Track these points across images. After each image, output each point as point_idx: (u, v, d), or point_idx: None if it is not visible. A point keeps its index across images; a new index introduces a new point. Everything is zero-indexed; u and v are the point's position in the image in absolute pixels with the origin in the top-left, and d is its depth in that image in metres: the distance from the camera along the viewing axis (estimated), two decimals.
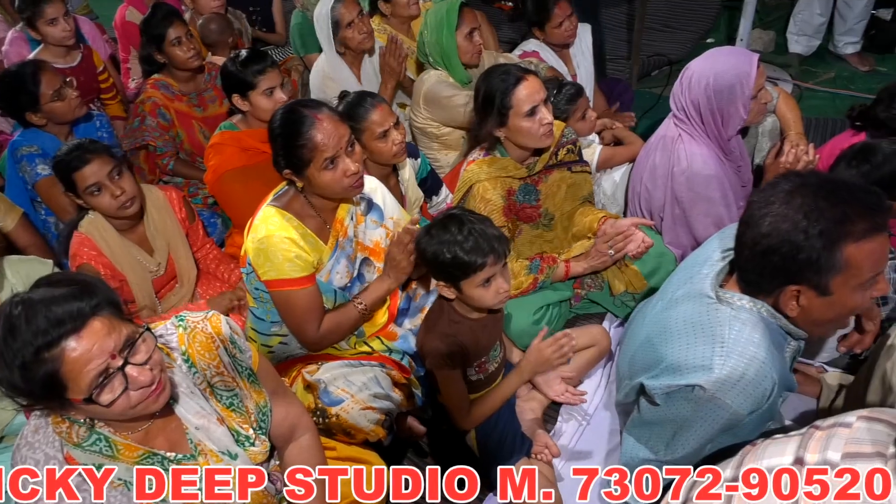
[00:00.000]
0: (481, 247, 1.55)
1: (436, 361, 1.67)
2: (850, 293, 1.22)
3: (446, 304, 1.71)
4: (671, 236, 2.23)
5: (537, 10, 2.90)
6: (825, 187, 1.21)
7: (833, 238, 1.17)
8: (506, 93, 1.94)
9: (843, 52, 3.84)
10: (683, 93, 2.05)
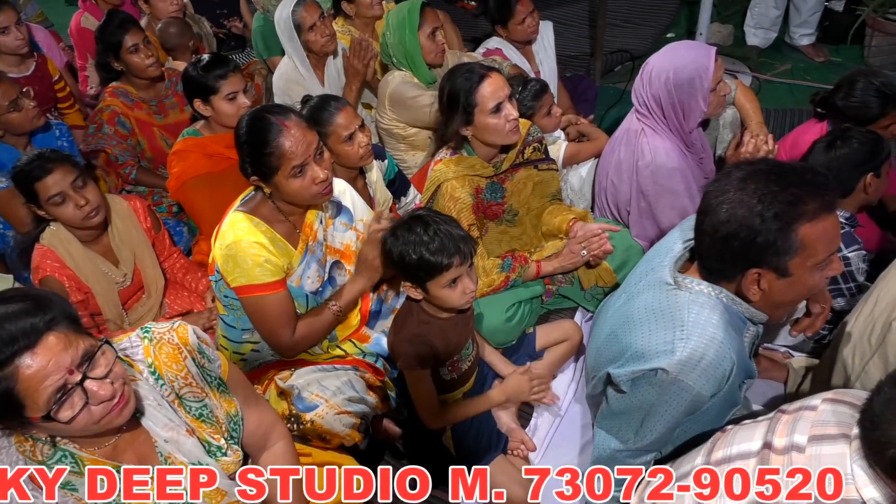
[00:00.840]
0: (447, 247, 1.55)
1: (406, 362, 1.67)
2: (807, 273, 1.25)
3: (415, 305, 1.71)
4: (638, 229, 2.27)
5: (499, 8, 2.91)
6: (775, 171, 1.24)
7: (788, 220, 1.20)
8: (470, 91, 1.94)
9: (798, 43, 3.94)
10: (644, 88, 2.08)
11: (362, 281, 1.79)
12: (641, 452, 1.48)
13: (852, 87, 2.15)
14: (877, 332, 1.59)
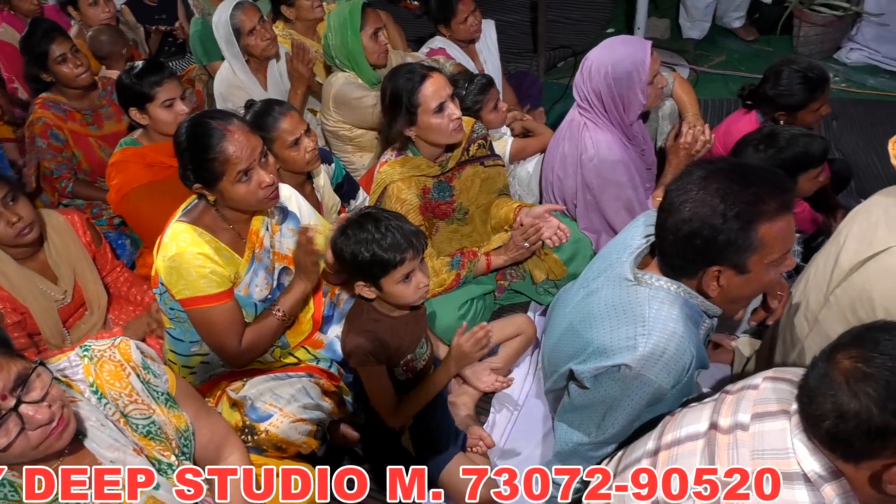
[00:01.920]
0: (399, 243, 1.55)
1: (359, 359, 1.66)
2: (764, 270, 1.29)
3: (366, 304, 1.70)
4: (585, 222, 2.30)
5: (441, 8, 2.92)
6: (736, 171, 1.28)
7: (749, 219, 1.23)
8: (412, 91, 1.94)
9: (730, 25, 4.09)
10: (585, 82, 2.12)
11: (301, 284, 1.77)
12: (603, 445, 1.51)
13: (778, 77, 2.22)
14: (811, 309, 1.66)
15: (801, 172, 1.93)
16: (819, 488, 1.01)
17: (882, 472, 0.96)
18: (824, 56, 3.92)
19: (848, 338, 1.03)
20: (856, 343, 1.00)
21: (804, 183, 1.96)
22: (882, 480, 0.97)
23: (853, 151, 3.14)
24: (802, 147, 1.92)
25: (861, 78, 3.76)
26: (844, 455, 0.99)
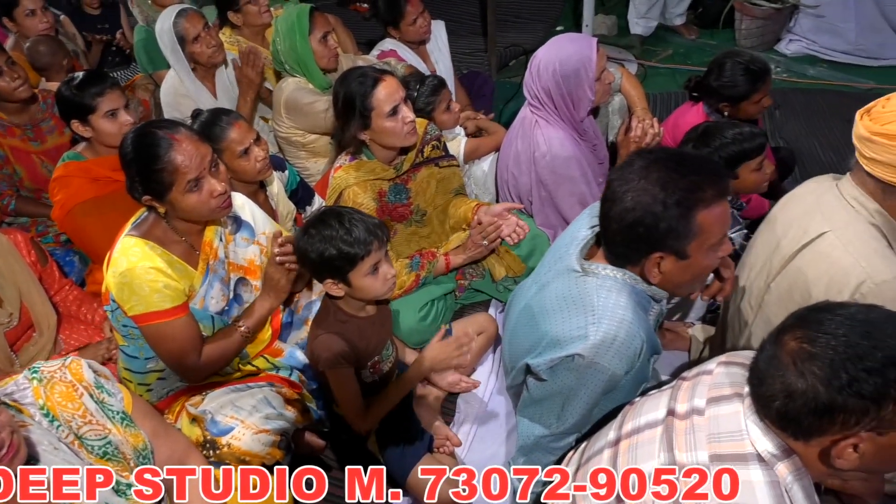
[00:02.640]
0: (364, 235, 1.56)
1: (328, 361, 1.65)
2: (703, 255, 1.33)
3: (332, 306, 1.70)
4: (542, 218, 2.33)
5: (390, 10, 2.92)
6: (674, 160, 1.31)
7: (687, 206, 1.27)
8: (366, 95, 1.94)
9: (673, 23, 4.19)
10: (534, 81, 2.14)
11: (270, 300, 1.75)
12: (564, 435, 1.53)
13: (722, 69, 2.29)
14: (755, 295, 1.71)
15: (740, 164, 1.99)
16: (772, 467, 1.04)
17: (831, 448, 1.00)
18: (765, 48, 4.04)
19: (793, 320, 1.06)
20: (800, 324, 1.03)
21: (747, 174, 2.01)
22: (831, 456, 1.00)
23: (796, 139, 3.25)
24: (736, 143, 1.98)
25: (801, 68, 3.90)
26: (795, 433, 1.02)
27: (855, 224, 1.46)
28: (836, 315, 1.01)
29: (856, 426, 0.96)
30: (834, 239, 1.47)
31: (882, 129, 1.37)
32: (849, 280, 1.42)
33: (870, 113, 1.43)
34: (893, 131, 1.35)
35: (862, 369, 0.94)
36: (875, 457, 0.99)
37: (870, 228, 1.45)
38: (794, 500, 1.02)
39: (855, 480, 1.13)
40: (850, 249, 1.43)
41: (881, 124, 1.38)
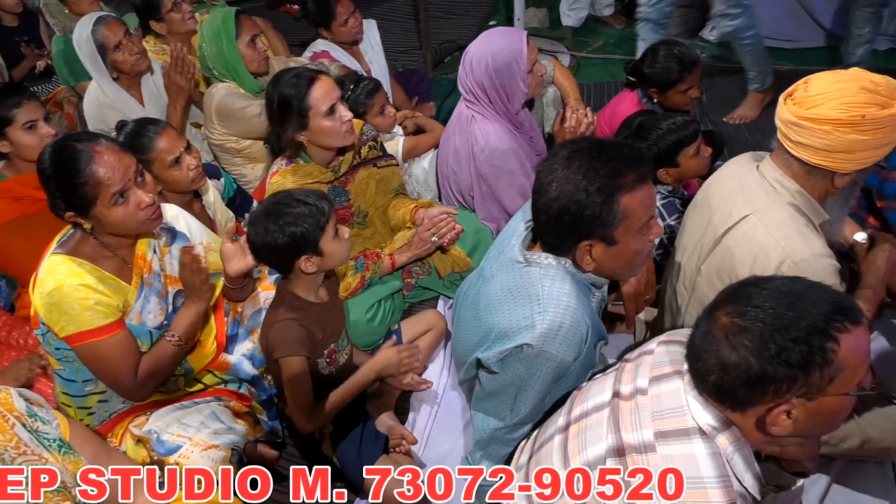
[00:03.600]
0: (317, 203, 1.61)
1: (284, 348, 1.63)
2: (632, 239, 1.35)
3: (287, 293, 1.70)
4: (484, 212, 2.35)
5: (320, 11, 2.88)
6: (596, 148, 1.34)
7: (610, 192, 1.30)
8: (302, 95, 1.92)
9: (602, 14, 4.28)
10: (468, 76, 2.15)
11: (194, 306, 1.69)
12: (519, 426, 1.53)
13: (656, 55, 2.36)
14: (688, 277, 1.76)
15: (678, 153, 2.05)
16: (713, 439, 1.07)
17: (765, 416, 1.04)
18: (690, 35, 4.17)
19: (724, 296, 1.10)
20: (731, 300, 1.07)
21: (687, 161, 2.07)
22: (766, 424, 1.04)
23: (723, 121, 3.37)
24: (672, 133, 2.04)
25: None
26: (731, 405, 1.06)
27: (775, 206, 1.52)
28: (763, 289, 1.05)
29: (787, 393, 1.01)
30: (756, 221, 1.52)
31: (808, 114, 1.41)
32: (770, 260, 1.47)
33: (793, 97, 1.48)
34: (820, 115, 1.39)
35: (789, 339, 0.98)
36: (807, 422, 1.04)
37: (789, 209, 1.51)
38: (735, 470, 1.06)
39: (792, 446, 1.18)
40: (770, 231, 1.49)
41: (807, 108, 1.42)
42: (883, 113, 1.36)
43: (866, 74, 1.41)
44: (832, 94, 1.40)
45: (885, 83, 1.39)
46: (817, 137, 1.42)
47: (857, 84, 1.39)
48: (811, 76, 1.48)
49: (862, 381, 1.04)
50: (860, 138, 1.38)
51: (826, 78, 1.44)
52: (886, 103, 1.37)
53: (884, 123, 1.36)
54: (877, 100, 1.37)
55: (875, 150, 1.41)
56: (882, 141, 1.39)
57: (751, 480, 1.07)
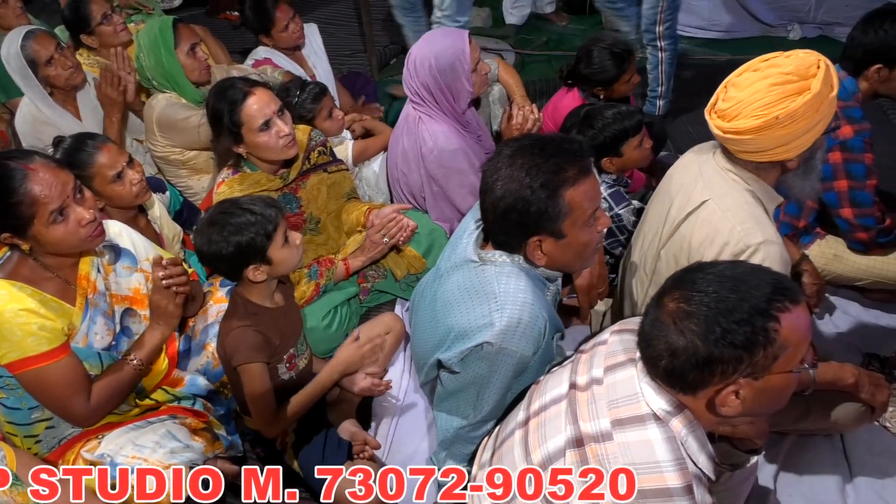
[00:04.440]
0: (265, 210, 1.58)
1: (241, 356, 1.61)
2: (579, 231, 1.38)
3: (241, 299, 1.67)
4: (436, 212, 2.35)
5: (259, 17, 2.84)
6: (537, 145, 1.36)
7: (553, 187, 1.32)
8: (233, 110, 1.89)
9: (544, 11, 4.34)
10: (412, 78, 2.15)
11: (161, 328, 1.66)
12: (483, 423, 1.54)
13: (590, 56, 2.39)
14: (649, 263, 1.81)
15: (622, 143, 2.09)
16: (668, 423, 1.10)
17: (715, 398, 1.07)
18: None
19: (671, 282, 1.13)
20: (677, 286, 1.10)
21: (630, 151, 2.11)
22: (716, 405, 1.08)
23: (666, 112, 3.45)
24: (616, 122, 2.07)
25: None
26: (682, 388, 1.09)
27: (732, 192, 1.57)
28: (708, 274, 1.08)
29: (734, 374, 1.04)
30: (714, 206, 1.57)
31: (730, 127, 1.47)
32: (727, 243, 1.52)
33: (715, 109, 1.52)
34: (740, 127, 1.44)
35: (733, 321, 1.01)
36: (755, 400, 1.07)
37: (745, 195, 1.56)
38: (690, 452, 1.09)
39: (743, 425, 1.22)
40: (728, 215, 1.53)
41: (728, 121, 1.47)
42: (798, 102, 1.39)
43: (775, 66, 1.45)
44: (746, 102, 1.44)
45: (794, 68, 1.42)
46: (748, 144, 1.48)
47: (766, 83, 1.43)
48: (729, 79, 1.52)
49: (805, 357, 1.08)
50: (786, 132, 1.42)
51: (741, 82, 1.49)
52: (801, 89, 1.40)
53: (803, 111, 1.40)
54: (788, 90, 1.41)
55: (809, 133, 1.45)
56: (811, 123, 1.43)
57: (705, 461, 1.10)
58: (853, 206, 2.08)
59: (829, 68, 1.43)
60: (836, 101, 1.46)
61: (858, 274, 2.22)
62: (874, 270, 2.20)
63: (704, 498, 1.08)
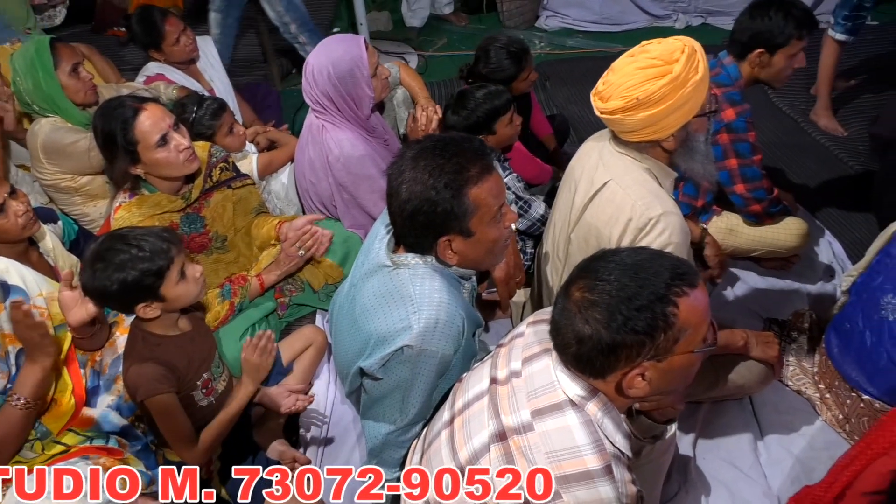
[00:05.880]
0: (158, 245, 1.51)
1: (147, 389, 1.54)
2: (488, 228, 1.40)
3: (141, 332, 1.60)
4: (349, 220, 2.33)
5: (147, 32, 2.72)
6: (439, 146, 1.37)
7: (457, 186, 1.33)
8: (126, 128, 1.80)
9: (443, 12, 4.39)
10: (312, 87, 2.12)
11: (38, 363, 1.54)
12: (411, 426, 1.54)
13: (488, 56, 2.43)
14: (561, 248, 1.86)
15: (494, 121, 2.19)
16: (584, 408, 1.13)
17: (622, 381, 1.11)
18: (528, 26, 4.37)
19: (576, 272, 1.16)
20: (582, 275, 1.14)
21: (503, 129, 2.23)
22: (623, 388, 1.12)
23: (567, 105, 3.57)
24: (488, 101, 2.18)
25: (561, 41, 4.26)
26: (593, 373, 1.13)
27: (630, 171, 1.65)
28: (610, 262, 1.12)
29: (638, 358, 1.08)
30: (615, 186, 1.64)
31: (604, 107, 1.56)
32: (631, 219, 1.59)
33: (595, 92, 1.60)
34: (609, 108, 1.54)
35: (633, 308, 1.05)
36: (661, 380, 1.12)
37: (642, 173, 1.64)
38: (607, 433, 1.13)
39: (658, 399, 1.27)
40: (629, 192, 1.61)
41: (604, 102, 1.56)
42: (657, 85, 1.47)
43: (645, 52, 1.54)
44: (616, 84, 1.54)
45: (660, 53, 1.51)
46: (619, 124, 1.57)
47: (634, 66, 1.52)
48: (613, 65, 1.59)
49: (707, 336, 1.14)
50: (650, 113, 1.51)
51: (616, 66, 1.57)
52: (662, 73, 1.48)
53: (663, 92, 1.48)
54: (650, 74, 1.49)
55: (675, 115, 1.53)
56: (675, 105, 1.50)
57: (622, 440, 1.14)
58: (744, 181, 2.22)
59: (696, 54, 1.51)
60: (707, 86, 1.54)
61: (753, 245, 2.37)
62: (767, 240, 2.35)
63: (624, 475, 1.11)
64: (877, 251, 1.84)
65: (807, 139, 3.22)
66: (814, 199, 2.81)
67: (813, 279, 2.48)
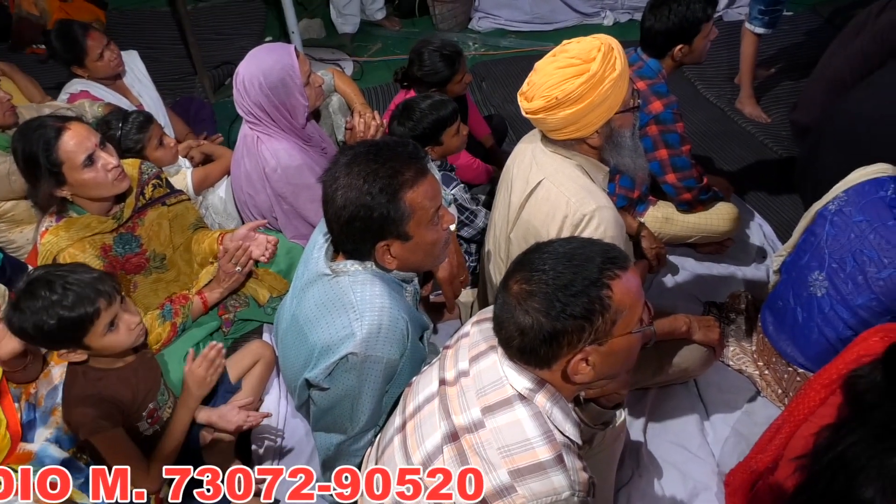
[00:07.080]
0: (84, 295, 1.43)
1: (90, 427, 1.49)
2: (425, 231, 1.40)
3: (79, 368, 1.54)
4: (291, 230, 2.29)
5: (68, 48, 2.63)
6: (372, 151, 1.36)
7: (392, 191, 1.33)
8: (49, 150, 1.73)
9: (375, 18, 4.38)
10: (243, 98, 2.08)
11: None
12: (362, 434, 1.53)
13: (421, 59, 2.44)
14: (502, 248, 1.89)
15: (441, 132, 2.18)
16: (532, 400, 1.15)
17: (567, 368, 1.14)
18: (461, 28, 4.40)
19: (513, 266, 1.18)
20: (519, 269, 1.16)
21: (449, 139, 2.22)
22: (569, 374, 1.14)
23: (503, 104, 3.61)
24: (433, 112, 2.16)
25: (494, 41, 4.31)
26: (538, 363, 1.15)
27: (562, 169, 1.68)
28: (544, 253, 1.14)
29: (580, 343, 1.11)
30: (549, 184, 1.67)
31: (528, 107, 1.59)
32: (567, 216, 1.62)
33: (523, 94, 1.63)
34: (531, 108, 1.57)
35: (570, 295, 1.08)
36: (605, 364, 1.15)
37: (574, 169, 1.68)
38: (556, 423, 1.15)
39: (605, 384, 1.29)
40: (562, 190, 1.64)
41: (528, 102, 1.59)
42: (575, 84, 1.50)
43: (564, 52, 1.57)
44: (538, 85, 1.57)
45: (577, 52, 1.54)
46: (543, 123, 1.60)
47: (554, 66, 1.55)
48: (536, 65, 1.62)
49: (643, 317, 1.17)
50: (571, 111, 1.54)
51: (539, 66, 1.60)
52: (580, 72, 1.52)
53: (581, 91, 1.51)
54: (569, 73, 1.52)
55: (597, 112, 1.55)
56: (595, 102, 1.53)
57: (571, 429, 1.16)
58: (675, 171, 2.29)
59: (612, 52, 1.54)
60: (626, 82, 1.57)
61: (689, 231, 2.45)
62: (701, 226, 2.43)
63: (575, 463, 1.14)
64: (802, 231, 1.93)
65: (733, 127, 3.35)
66: (743, 184, 2.92)
67: (746, 262, 2.58)
